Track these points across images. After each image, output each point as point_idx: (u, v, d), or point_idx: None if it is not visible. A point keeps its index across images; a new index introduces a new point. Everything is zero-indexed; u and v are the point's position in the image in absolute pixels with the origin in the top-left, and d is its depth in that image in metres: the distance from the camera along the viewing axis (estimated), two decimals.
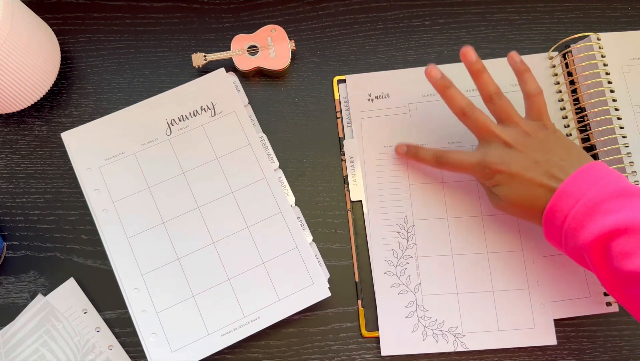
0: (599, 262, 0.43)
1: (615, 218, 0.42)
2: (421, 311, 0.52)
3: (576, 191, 0.44)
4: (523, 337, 0.51)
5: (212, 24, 0.61)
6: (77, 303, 0.53)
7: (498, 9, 0.61)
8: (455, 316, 0.52)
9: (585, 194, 0.43)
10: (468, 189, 0.55)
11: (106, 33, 0.60)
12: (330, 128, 0.58)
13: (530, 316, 0.52)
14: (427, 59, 0.60)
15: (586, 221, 0.43)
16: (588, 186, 0.44)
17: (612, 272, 0.42)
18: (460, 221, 0.54)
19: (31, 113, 0.58)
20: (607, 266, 0.42)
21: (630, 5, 0.61)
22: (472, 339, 0.51)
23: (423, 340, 0.51)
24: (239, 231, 0.53)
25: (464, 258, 0.53)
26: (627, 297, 0.43)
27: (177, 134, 0.55)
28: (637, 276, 0.40)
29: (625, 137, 0.54)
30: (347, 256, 0.54)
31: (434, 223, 0.54)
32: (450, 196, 0.55)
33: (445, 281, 0.53)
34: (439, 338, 0.52)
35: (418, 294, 0.53)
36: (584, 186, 0.44)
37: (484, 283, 0.53)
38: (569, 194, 0.44)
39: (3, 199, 0.56)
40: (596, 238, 0.42)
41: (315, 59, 0.60)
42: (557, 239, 0.46)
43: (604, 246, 0.42)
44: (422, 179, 0.56)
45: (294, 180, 0.56)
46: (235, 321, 0.50)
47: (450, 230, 0.54)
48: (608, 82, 0.56)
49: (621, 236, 0.41)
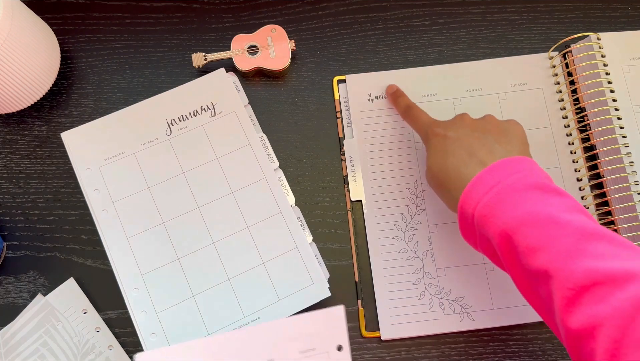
0: (506, 255, 0.41)
1: (525, 209, 0.40)
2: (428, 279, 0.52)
3: (493, 177, 0.42)
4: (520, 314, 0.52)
5: (212, 24, 0.61)
6: (77, 303, 0.53)
7: (498, 9, 0.61)
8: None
9: (501, 182, 0.42)
10: None
11: (106, 33, 0.60)
12: (330, 128, 0.58)
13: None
14: (427, 59, 0.60)
15: (497, 209, 0.41)
16: (507, 175, 0.42)
17: (520, 266, 0.40)
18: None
19: (31, 113, 0.58)
20: (515, 260, 0.41)
21: (630, 5, 0.61)
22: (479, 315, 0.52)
23: (430, 308, 0.52)
24: (239, 231, 0.53)
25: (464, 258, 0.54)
26: (535, 294, 0.41)
27: (177, 134, 0.55)
28: (542, 272, 0.38)
29: (625, 137, 0.54)
30: (347, 256, 0.54)
31: (434, 223, 0.54)
32: None
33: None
34: (446, 307, 0.52)
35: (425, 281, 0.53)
36: (503, 174, 0.42)
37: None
38: (484, 179, 0.43)
39: (3, 199, 0.56)
40: (503, 228, 0.40)
41: (315, 59, 0.60)
42: (470, 229, 0.44)
43: (509, 238, 0.40)
44: (423, 178, 0.56)
45: (294, 180, 0.56)
46: (235, 321, 0.50)
47: (451, 231, 0.54)
48: (608, 82, 0.56)
49: (529, 228, 0.39)
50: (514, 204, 0.41)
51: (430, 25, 0.61)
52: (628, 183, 0.53)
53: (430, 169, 0.48)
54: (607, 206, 0.55)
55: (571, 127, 0.57)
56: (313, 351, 0.44)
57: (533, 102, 0.58)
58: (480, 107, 0.57)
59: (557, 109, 0.57)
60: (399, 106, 0.55)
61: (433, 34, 0.61)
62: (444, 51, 0.60)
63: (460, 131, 0.47)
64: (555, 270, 0.37)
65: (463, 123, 0.48)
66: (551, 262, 0.38)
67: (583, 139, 0.57)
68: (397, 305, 0.53)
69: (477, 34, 0.61)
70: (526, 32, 0.61)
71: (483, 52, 0.60)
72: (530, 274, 0.39)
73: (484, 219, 0.42)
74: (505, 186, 0.42)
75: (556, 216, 0.39)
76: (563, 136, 0.57)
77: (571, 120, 0.57)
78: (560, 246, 0.38)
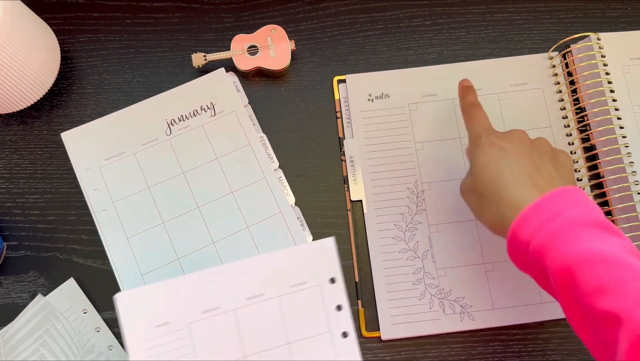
0: (564, 289, 0.39)
1: (589, 246, 0.38)
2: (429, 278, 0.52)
3: (554, 207, 0.40)
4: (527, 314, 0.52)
5: (212, 24, 0.61)
6: (77, 303, 0.53)
7: (498, 9, 0.61)
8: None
9: (563, 214, 0.40)
10: None
11: (106, 33, 0.60)
12: (330, 128, 0.58)
13: (538, 293, 0.52)
14: (427, 59, 0.60)
15: (558, 241, 0.39)
16: (568, 207, 0.40)
17: (579, 303, 0.39)
18: (462, 225, 0.54)
19: (31, 113, 0.58)
20: (574, 296, 0.39)
21: (630, 5, 0.61)
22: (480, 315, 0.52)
23: (430, 308, 0.52)
24: (239, 231, 0.53)
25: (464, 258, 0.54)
26: (592, 333, 0.39)
27: (177, 134, 0.55)
28: (610, 316, 0.36)
29: (625, 137, 0.54)
30: (347, 256, 0.54)
31: (434, 223, 0.55)
32: (450, 195, 0.55)
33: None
34: (446, 307, 0.52)
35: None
36: (564, 205, 0.40)
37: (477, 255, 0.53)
38: (545, 207, 0.41)
39: (3, 199, 0.56)
40: (564, 263, 0.39)
41: (315, 59, 0.60)
42: (521, 252, 0.42)
43: (572, 273, 0.38)
44: (423, 178, 0.56)
45: (294, 180, 0.56)
46: None
47: (451, 231, 0.54)
48: (608, 82, 0.56)
49: (596, 267, 0.38)
50: (576, 239, 0.39)
51: (430, 25, 0.61)
52: (628, 182, 0.53)
53: (477, 178, 0.45)
54: (607, 206, 0.55)
55: (571, 127, 0.57)
56: (304, 285, 0.43)
57: (533, 102, 0.58)
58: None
59: (557, 109, 0.57)
60: (463, 100, 0.51)
61: (433, 34, 0.61)
62: (444, 51, 0.60)
63: (518, 147, 0.45)
64: (627, 316, 0.36)
65: (521, 139, 0.46)
66: (623, 307, 0.36)
67: (583, 139, 0.57)
68: (397, 305, 0.53)
69: (477, 34, 0.61)
70: (526, 32, 0.61)
71: (483, 52, 0.60)
72: (593, 314, 0.38)
73: (541, 250, 0.40)
74: (568, 219, 0.40)
75: (621, 257, 0.38)
76: (563, 136, 0.57)
77: (571, 120, 0.57)
78: (633, 291, 0.37)
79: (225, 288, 0.43)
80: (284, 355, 0.43)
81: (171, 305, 0.42)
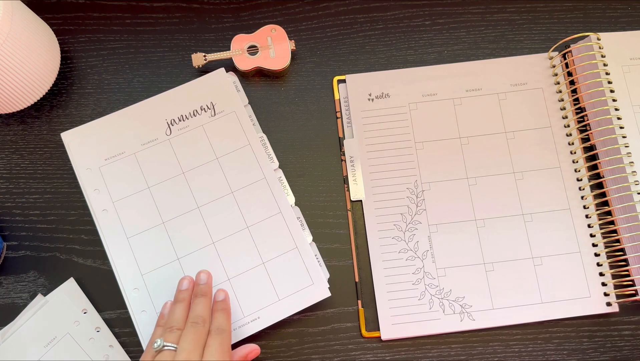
0: None
1: None
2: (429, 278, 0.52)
3: None
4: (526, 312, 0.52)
5: (212, 24, 0.61)
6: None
7: (498, 9, 0.61)
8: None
9: None
10: (465, 193, 0.55)
11: (106, 33, 0.60)
12: (330, 128, 0.58)
13: (538, 293, 0.52)
14: (427, 59, 0.60)
15: None
16: None
17: None
18: (462, 225, 0.54)
19: (31, 113, 0.58)
20: None
21: (630, 5, 0.61)
22: (480, 314, 0.52)
23: (430, 308, 0.52)
24: (239, 231, 0.53)
25: (464, 258, 0.54)
26: None
27: (177, 134, 0.55)
28: None
29: (625, 137, 0.54)
30: (347, 256, 0.54)
31: (434, 223, 0.54)
32: (450, 196, 0.55)
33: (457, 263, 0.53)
34: (446, 307, 0.52)
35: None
36: None
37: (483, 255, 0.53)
38: None
39: (3, 199, 0.56)
40: None
41: (315, 59, 0.60)
42: None
43: None
44: (423, 178, 0.56)
45: (294, 180, 0.56)
46: (235, 321, 0.50)
47: (451, 231, 0.54)
48: (608, 82, 0.56)
49: None
50: None
51: (430, 25, 0.61)
52: (628, 182, 0.53)
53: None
54: (607, 206, 0.55)
55: (571, 127, 0.57)
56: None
57: (533, 102, 0.58)
58: (480, 107, 0.57)
59: (557, 109, 0.57)
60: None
61: (433, 34, 0.61)
62: (444, 51, 0.60)
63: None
64: None
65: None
66: None
67: (583, 139, 0.57)
68: (397, 305, 0.53)
69: (477, 34, 0.61)
70: (526, 32, 0.61)
71: (483, 52, 0.60)
72: None
73: None
74: None
75: None
76: (563, 136, 0.57)
77: (571, 120, 0.57)
78: None
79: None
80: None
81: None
